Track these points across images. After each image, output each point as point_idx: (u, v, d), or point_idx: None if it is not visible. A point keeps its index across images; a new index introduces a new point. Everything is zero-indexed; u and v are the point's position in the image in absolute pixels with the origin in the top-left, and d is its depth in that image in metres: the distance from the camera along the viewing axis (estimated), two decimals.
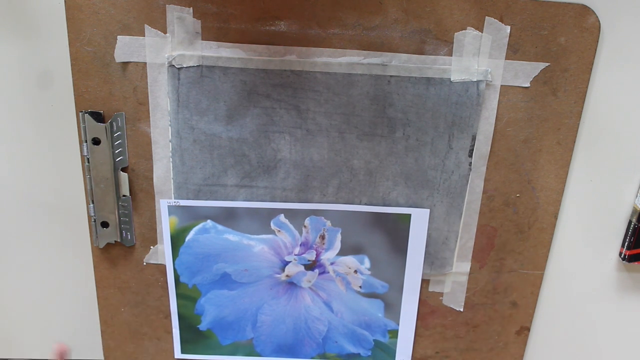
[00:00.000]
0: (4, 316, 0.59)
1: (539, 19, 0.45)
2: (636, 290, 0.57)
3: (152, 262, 0.54)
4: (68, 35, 0.46)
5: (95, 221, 0.52)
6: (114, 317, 0.57)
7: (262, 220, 0.51)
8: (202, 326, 0.56)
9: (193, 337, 0.56)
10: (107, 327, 0.57)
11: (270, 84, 0.47)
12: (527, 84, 0.47)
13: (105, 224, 0.52)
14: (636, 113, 0.49)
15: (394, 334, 0.57)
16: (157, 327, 0.57)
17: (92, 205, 0.51)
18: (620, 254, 0.54)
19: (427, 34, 0.46)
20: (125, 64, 0.47)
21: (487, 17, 0.45)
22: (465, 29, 0.45)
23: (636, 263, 0.54)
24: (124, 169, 0.50)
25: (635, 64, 0.47)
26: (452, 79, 0.47)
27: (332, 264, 0.53)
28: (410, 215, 0.51)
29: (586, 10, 0.45)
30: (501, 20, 0.45)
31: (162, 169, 0.50)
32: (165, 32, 0.45)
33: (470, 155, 0.49)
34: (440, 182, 0.50)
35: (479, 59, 0.46)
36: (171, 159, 0.49)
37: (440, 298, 0.56)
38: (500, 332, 0.58)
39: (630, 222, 0.53)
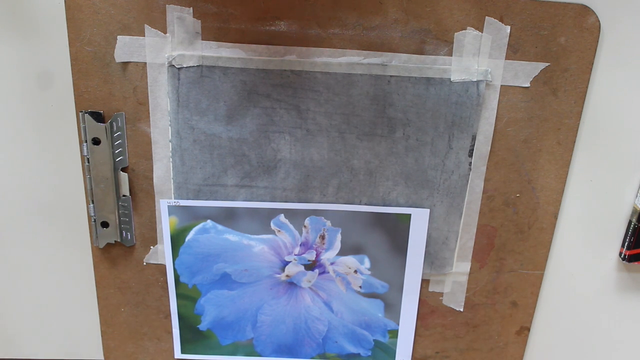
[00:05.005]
0: (4, 316, 0.59)
1: (539, 19, 0.45)
2: (636, 290, 0.57)
3: (152, 262, 0.54)
4: (68, 35, 0.46)
5: (95, 221, 0.52)
6: (114, 317, 0.57)
7: (262, 220, 0.51)
8: (202, 326, 0.56)
9: (193, 337, 0.56)
10: (107, 327, 0.57)
11: (270, 84, 0.47)
12: (527, 84, 0.47)
13: (105, 224, 0.52)
14: (636, 113, 0.49)
15: (394, 334, 0.57)
16: (157, 327, 0.57)
17: (92, 205, 0.51)
18: (620, 254, 0.54)
19: (427, 34, 0.46)
20: (125, 64, 0.47)
21: (487, 17, 0.45)
22: (465, 29, 0.45)
23: (636, 263, 0.54)
24: (124, 169, 0.50)
25: (635, 64, 0.47)
26: (452, 79, 0.47)
27: (332, 264, 0.53)
28: (410, 215, 0.51)
29: (586, 10, 0.45)
30: (501, 20, 0.45)
31: (162, 169, 0.50)
32: (165, 32, 0.45)
33: (470, 155, 0.49)
34: (440, 182, 0.50)
35: (479, 59, 0.46)
36: (171, 159, 0.49)
37: (440, 298, 0.56)
38: (500, 332, 0.58)
39: (630, 222, 0.53)
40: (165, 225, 0.52)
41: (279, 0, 0.45)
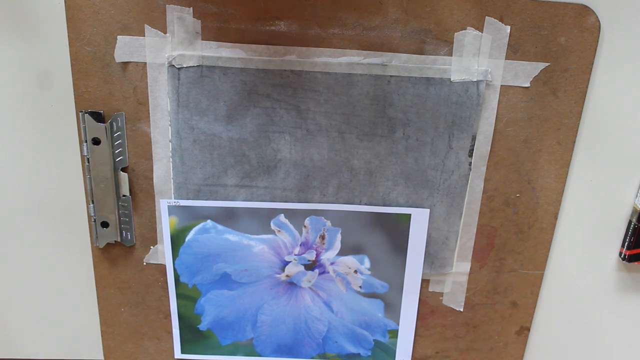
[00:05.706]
0: (4, 316, 0.59)
1: (539, 19, 0.45)
2: (636, 290, 0.57)
3: (152, 262, 0.54)
4: (68, 35, 0.46)
5: (95, 221, 0.52)
6: (114, 317, 0.57)
7: (262, 220, 0.51)
8: (202, 326, 0.56)
9: (193, 337, 0.56)
10: (107, 327, 0.57)
11: (270, 84, 0.47)
12: (527, 84, 0.47)
13: (105, 224, 0.52)
14: (636, 113, 0.49)
15: (394, 334, 0.57)
16: (157, 327, 0.57)
17: (92, 205, 0.51)
18: (620, 254, 0.54)
19: (427, 34, 0.46)
20: (125, 64, 0.47)
21: (487, 17, 0.45)
22: (465, 29, 0.45)
23: (636, 263, 0.54)
24: (124, 169, 0.50)
25: (635, 64, 0.47)
26: (452, 79, 0.47)
27: (332, 264, 0.53)
28: (410, 215, 0.51)
29: (586, 10, 0.45)
30: (501, 20, 0.45)
31: (162, 169, 0.50)
32: (165, 32, 0.45)
33: (470, 155, 0.49)
34: (440, 182, 0.50)
35: (479, 59, 0.46)
36: (171, 159, 0.49)
37: (440, 298, 0.56)
38: (500, 332, 0.58)
39: (630, 222, 0.53)
40: (165, 225, 0.52)
41: (279, 0, 0.45)
